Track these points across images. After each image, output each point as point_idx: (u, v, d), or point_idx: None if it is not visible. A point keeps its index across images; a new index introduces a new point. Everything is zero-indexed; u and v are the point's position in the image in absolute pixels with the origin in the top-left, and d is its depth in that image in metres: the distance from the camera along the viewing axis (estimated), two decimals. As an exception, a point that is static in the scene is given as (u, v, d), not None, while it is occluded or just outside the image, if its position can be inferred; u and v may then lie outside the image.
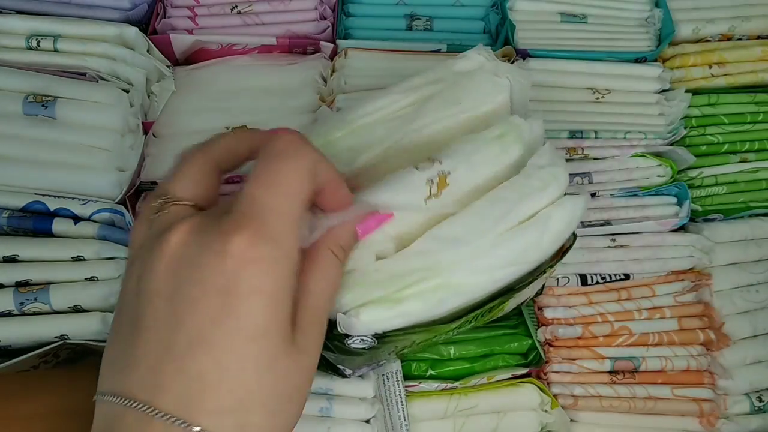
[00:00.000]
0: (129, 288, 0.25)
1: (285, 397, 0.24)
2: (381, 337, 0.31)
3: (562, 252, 0.35)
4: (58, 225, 0.45)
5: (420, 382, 0.44)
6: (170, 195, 0.26)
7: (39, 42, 0.49)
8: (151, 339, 0.23)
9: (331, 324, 0.30)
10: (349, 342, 0.31)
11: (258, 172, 0.25)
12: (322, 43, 0.55)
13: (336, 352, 0.33)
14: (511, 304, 0.36)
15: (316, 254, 0.27)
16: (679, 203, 0.51)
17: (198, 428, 0.22)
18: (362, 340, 0.31)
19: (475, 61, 0.37)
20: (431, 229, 0.30)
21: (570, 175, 0.49)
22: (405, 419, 0.43)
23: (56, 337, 0.43)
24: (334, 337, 0.31)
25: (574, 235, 0.35)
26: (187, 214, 0.26)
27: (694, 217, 0.52)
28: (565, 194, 0.32)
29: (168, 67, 0.54)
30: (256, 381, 0.23)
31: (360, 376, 0.42)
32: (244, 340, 0.22)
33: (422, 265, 0.30)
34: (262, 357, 0.23)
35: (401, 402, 0.43)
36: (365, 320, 0.29)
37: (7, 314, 0.43)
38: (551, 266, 0.35)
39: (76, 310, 0.44)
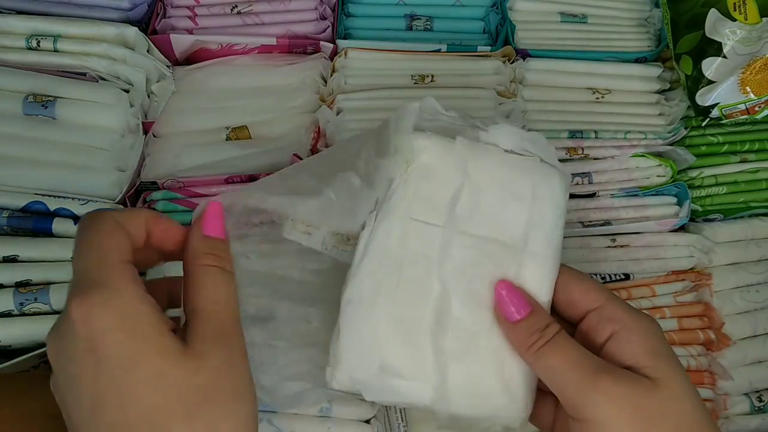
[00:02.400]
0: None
1: (195, 401, 0.25)
2: None
3: None
4: (58, 225, 0.45)
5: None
6: None
7: (39, 42, 0.49)
8: (79, 426, 0.26)
9: None
10: None
11: (74, 248, 0.27)
12: (322, 43, 0.55)
13: None
14: None
15: (190, 275, 0.28)
16: (679, 203, 0.51)
17: None
18: None
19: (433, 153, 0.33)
20: None
21: (570, 174, 0.50)
22: (403, 420, 0.43)
23: (56, 337, 0.43)
24: None
25: None
26: None
27: (694, 217, 0.52)
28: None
29: (168, 67, 0.54)
30: (151, 398, 0.24)
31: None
32: (123, 374, 0.24)
33: None
34: (145, 378, 0.24)
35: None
36: None
37: (7, 314, 0.43)
38: None
39: (76, 310, 0.44)
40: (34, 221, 0.45)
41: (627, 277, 0.49)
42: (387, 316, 0.30)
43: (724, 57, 0.49)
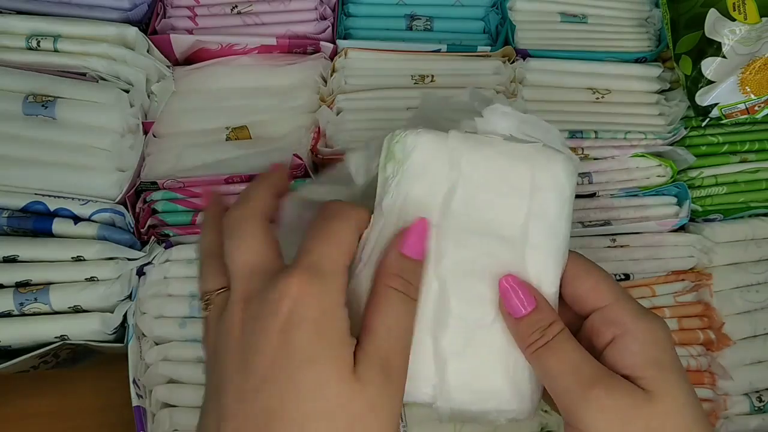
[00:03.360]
0: (210, 350, 0.29)
1: (342, 423, 0.25)
2: None
3: None
4: (58, 225, 0.45)
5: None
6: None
7: (39, 42, 0.49)
8: (230, 390, 0.26)
9: None
10: None
11: (314, 231, 0.28)
12: (322, 43, 0.55)
13: None
14: None
15: (375, 293, 0.28)
16: (679, 203, 0.51)
17: None
18: None
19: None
20: None
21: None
22: (403, 420, 0.43)
23: (56, 337, 0.44)
24: None
25: None
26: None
27: (694, 217, 0.52)
28: None
29: (168, 67, 0.54)
30: (311, 405, 0.25)
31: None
32: (296, 368, 0.25)
33: None
34: (312, 382, 0.25)
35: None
36: None
37: (7, 314, 0.43)
38: None
39: (76, 310, 0.44)
40: (34, 221, 0.45)
41: (627, 277, 0.49)
42: None
43: (724, 57, 0.49)
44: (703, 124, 0.54)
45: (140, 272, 0.46)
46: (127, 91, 0.50)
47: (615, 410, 0.27)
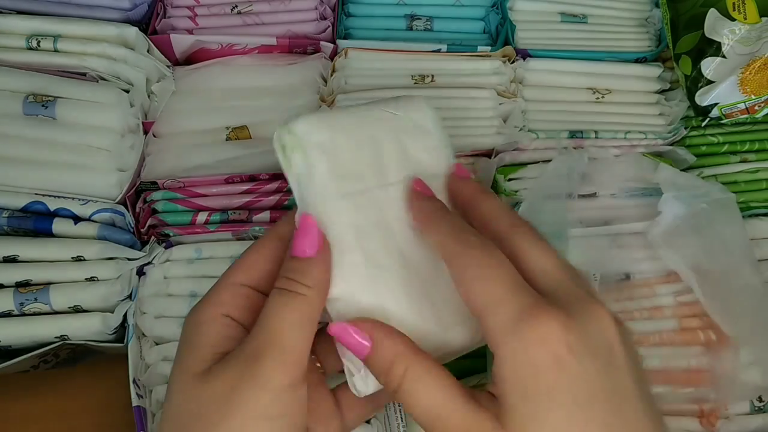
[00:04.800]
0: None
1: (184, 419, 0.27)
2: None
3: None
4: (58, 225, 0.45)
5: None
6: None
7: (39, 42, 0.49)
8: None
9: None
10: None
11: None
12: (322, 43, 0.55)
13: None
14: None
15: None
16: (679, 203, 0.51)
17: None
18: None
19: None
20: None
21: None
22: (402, 420, 0.43)
23: (56, 337, 0.43)
24: None
25: None
26: None
27: (694, 217, 0.52)
28: None
29: (168, 67, 0.54)
30: (167, 405, 0.28)
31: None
32: (170, 374, 0.29)
33: None
34: (170, 385, 0.28)
35: (399, 403, 0.43)
36: None
37: (7, 314, 0.43)
38: None
39: (76, 310, 0.44)
40: (34, 221, 0.45)
41: (627, 277, 0.49)
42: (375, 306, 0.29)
43: (724, 57, 0.49)
44: (703, 124, 0.54)
45: (140, 272, 0.46)
46: (127, 91, 0.49)
47: None
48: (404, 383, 0.24)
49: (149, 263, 0.46)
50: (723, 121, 0.53)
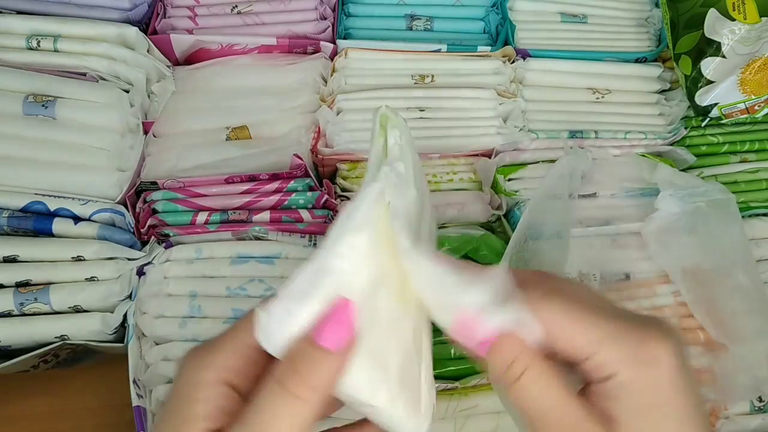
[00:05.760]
0: None
1: None
2: None
3: None
4: (58, 225, 0.45)
5: (420, 382, 0.44)
6: None
7: (39, 42, 0.49)
8: None
9: None
10: None
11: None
12: (322, 43, 0.55)
13: None
14: None
15: (263, 378, 0.24)
16: (679, 203, 0.51)
17: None
18: None
19: None
20: None
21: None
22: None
23: (56, 337, 0.43)
24: None
25: None
26: None
27: (694, 217, 0.52)
28: None
29: (168, 67, 0.54)
30: None
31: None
32: None
33: None
34: None
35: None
36: None
37: (7, 314, 0.43)
38: None
39: (76, 310, 0.44)
40: (34, 221, 0.45)
41: (627, 277, 0.49)
42: None
43: (723, 57, 0.49)
44: (703, 124, 0.54)
45: (140, 272, 0.46)
46: (127, 91, 0.50)
47: None
48: (523, 379, 0.25)
49: (149, 263, 0.46)
50: (723, 121, 0.53)
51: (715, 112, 0.51)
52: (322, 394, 0.23)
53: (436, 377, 0.45)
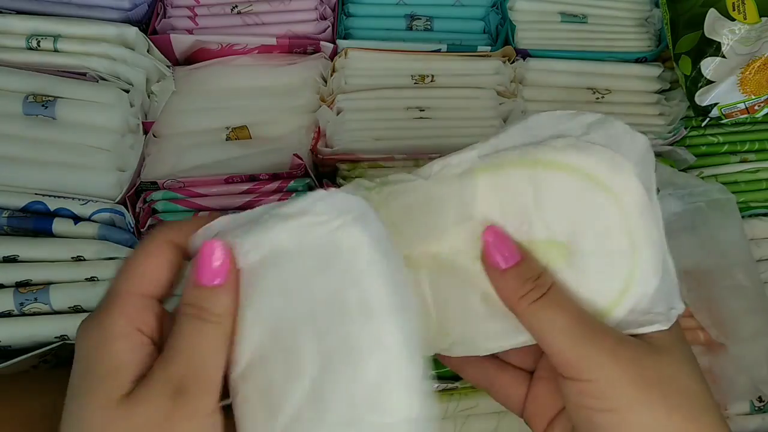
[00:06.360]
0: None
1: None
2: None
3: None
4: (58, 225, 0.45)
5: (420, 382, 0.44)
6: None
7: (39, 42, 0.49)
8: None
9: None
10: None
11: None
12: (322, 43, 0.55)
13: None
14: None
15: (174, 321, 0.27)
16: (679, 203, 0.51)
17: None
18: None
19: None
20: None
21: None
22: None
23: (56, 337, 0.43)
24: None
25: None
26: None
27: (694, 217, 0.52)
28: None
29: (168, 67, 0.54)
30: None
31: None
32: (67, 404, 0.27)
33: None
34: (76, 414, 0.27)
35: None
36: None
37: (7, 314, 0.43)
38: None
39: (76, 310, 0.44)
40: (34, 221, 0.45)
41: (627, 276, 0.49)
42: None
43: (723, 57, 0.49)
44: (703, 124, 0.54)
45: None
46: (127, 91, 0.50)
47: (630, 359, 0.27)
48: (553, 291, 0.27)
49: (149, 263, 0.46)
50: (723, 121, 0.53)
51: (715, 112, 0.51)
52: (229, 317, 0.26)
53: (437, 377, 0.45)
